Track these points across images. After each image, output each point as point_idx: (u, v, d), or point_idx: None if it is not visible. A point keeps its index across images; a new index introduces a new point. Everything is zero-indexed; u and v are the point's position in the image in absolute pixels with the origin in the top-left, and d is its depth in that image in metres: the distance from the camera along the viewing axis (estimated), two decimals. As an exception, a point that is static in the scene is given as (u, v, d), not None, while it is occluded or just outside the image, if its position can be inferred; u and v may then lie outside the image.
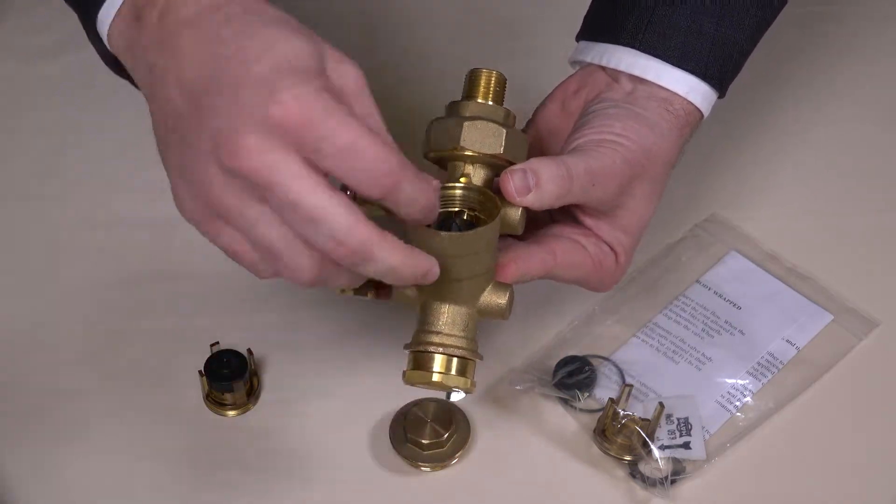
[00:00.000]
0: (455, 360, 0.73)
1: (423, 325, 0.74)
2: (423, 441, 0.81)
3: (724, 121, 0.95)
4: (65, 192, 0.97)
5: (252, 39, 0.62)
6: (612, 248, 0.78)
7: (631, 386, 0.83)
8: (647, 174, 0.77)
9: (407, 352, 0.74)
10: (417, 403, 0.84)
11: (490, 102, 0.75)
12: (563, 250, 0.77)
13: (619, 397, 0.83)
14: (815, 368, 0.86)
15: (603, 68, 0.81)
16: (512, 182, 0.72)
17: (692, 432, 0.82)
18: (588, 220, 0.78)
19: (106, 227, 0.94)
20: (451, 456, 0.82)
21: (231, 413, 0.85)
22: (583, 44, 0.83)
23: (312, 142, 0.60)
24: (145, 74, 0.66)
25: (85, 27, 0.71)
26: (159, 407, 0.85)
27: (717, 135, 0.98)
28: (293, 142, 0.60)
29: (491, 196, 0.73)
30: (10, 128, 1.02)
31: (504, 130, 0.73)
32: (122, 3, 0.67)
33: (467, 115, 0.74)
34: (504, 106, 0.76)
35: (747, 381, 0.85)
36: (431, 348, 0.73)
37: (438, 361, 0.73)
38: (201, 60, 0.63)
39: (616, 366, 0.87)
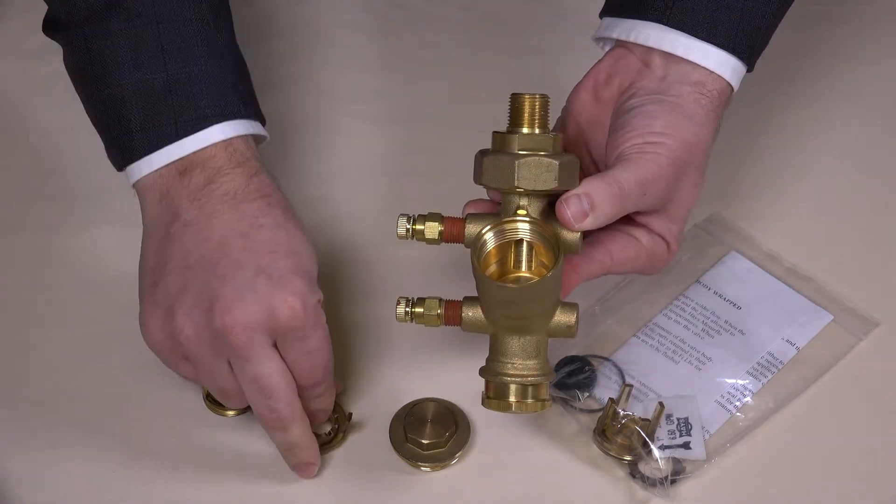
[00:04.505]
0: (530, 387, 0.75)
1: (497, 354, 0.76)
2: (423, 441, 0.81)
3: (724, 120, 0.94)
4: (65, 192, 0.97)
5: (282, 233, 0.77)
6: (662, 238, 0.79)
7: (631, 386, 0.83)
8: (691, 166, 0.78)
9: (483, 377, 0.77)
10: (417, 403, 0.84)
11: (537, 131, 0.75)
12: (618, 248, 0.79)
13: (619, 397, 0.83)
14: (815, 368, 0.86)
15: (632, 51, 0.81)
16: (569, 210, 0.73)
17: (692, 432, 0.82)
18: (640, 217, 0.79)
19: (106, 227, 0.94)
20: (451, 456, 0.82)
21: (231, 413, 0.85)
22: (607, 20, 0.83)
23: (293, 339, 0.76)
24: (166, 214, 0.78)
25: (109, 154, 0.81)
26: (159, 407, 0.85)
27: (717, 135, 0.98)
28: (277, 332, 0.75)
29: (553, 235, 0.74)
30: (10, 128, 1.02)
31: (556, 163, 0.74)
32: (165, 164, 0.78)
33: (517, 148, 0.75)
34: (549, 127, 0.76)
35: (747, 381, 0.85)
36: (507, 378, 0.75)
37: (514, 391, 0.76)
38: (233, 232, 0.76)
39: (616, 366, 0.87)
